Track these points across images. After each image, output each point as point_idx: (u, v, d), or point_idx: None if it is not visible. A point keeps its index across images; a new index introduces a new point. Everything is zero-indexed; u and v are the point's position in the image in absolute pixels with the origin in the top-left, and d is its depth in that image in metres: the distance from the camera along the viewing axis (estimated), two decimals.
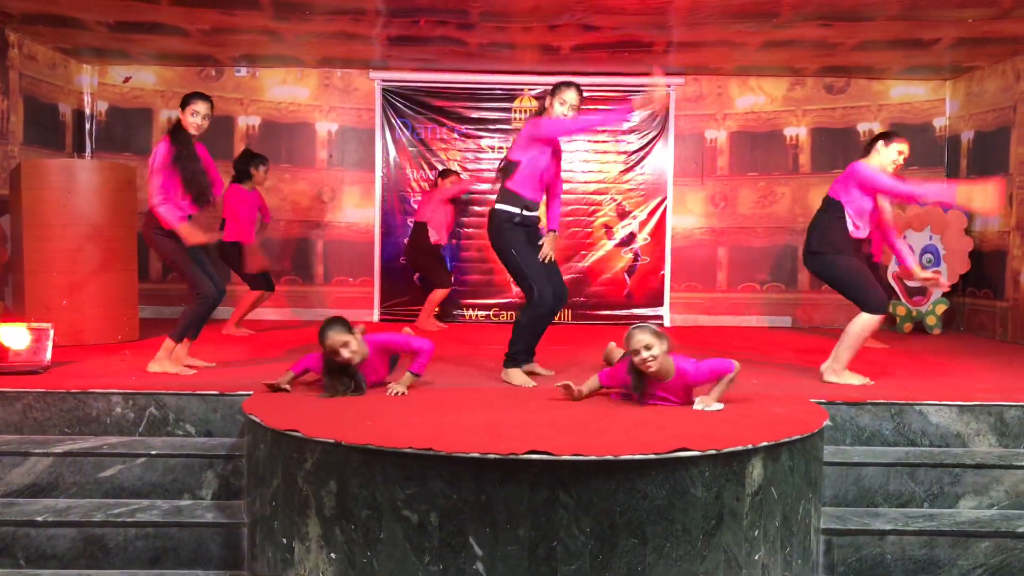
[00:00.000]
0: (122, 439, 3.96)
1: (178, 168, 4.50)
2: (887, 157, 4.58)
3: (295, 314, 7.94)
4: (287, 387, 4.03)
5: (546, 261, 4.57)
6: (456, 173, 7.61)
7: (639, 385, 3.77)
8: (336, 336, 3.89)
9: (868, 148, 4.69)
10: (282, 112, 7.99)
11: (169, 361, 4.60)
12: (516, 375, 4.48)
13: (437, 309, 7.54)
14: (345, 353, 3.90)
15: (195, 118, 4.56)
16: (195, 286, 4.56)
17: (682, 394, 3.77)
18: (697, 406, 3.70)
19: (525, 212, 4.53)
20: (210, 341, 5.64)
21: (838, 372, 4.61)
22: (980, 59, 7.14)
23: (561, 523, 2.90)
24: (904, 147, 4.62)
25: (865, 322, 4.55)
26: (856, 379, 4.57)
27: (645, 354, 3.63)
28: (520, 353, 4.57)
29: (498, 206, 4.55)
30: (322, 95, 8.02)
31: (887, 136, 4.65)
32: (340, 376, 3.96)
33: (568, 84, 4.51)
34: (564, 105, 4.48)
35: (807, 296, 8.05)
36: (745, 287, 8.13)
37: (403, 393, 3.97)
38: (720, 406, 3.70)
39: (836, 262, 4.60)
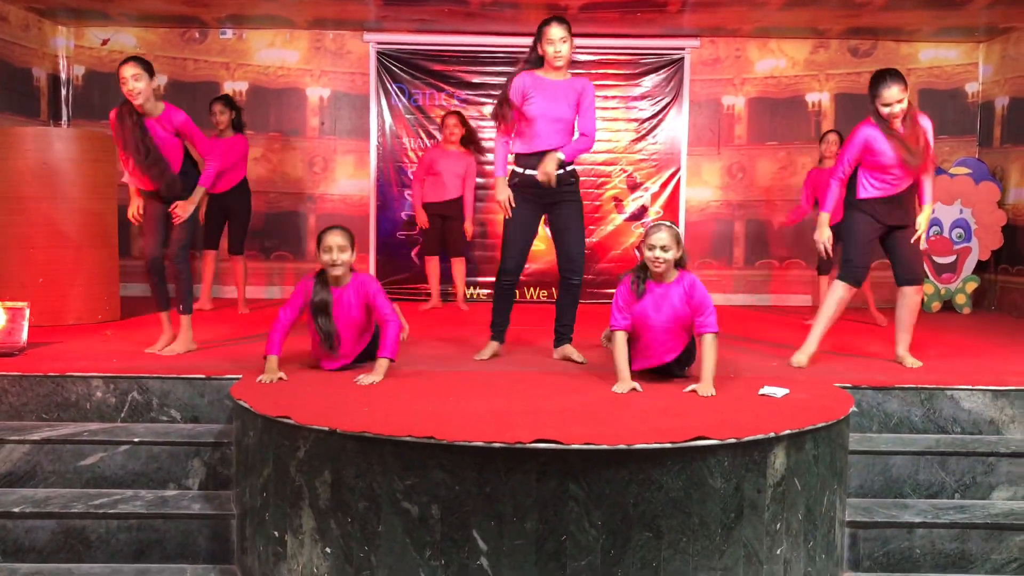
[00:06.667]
0: (103, 425, 3.95)
1: (116, 140, 4.49)
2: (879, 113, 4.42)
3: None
4: (281, 374, 3.93)
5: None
6: (458, 114, 7.14)
7: (641, 278, 3.88)
8: (333, 238, 3.99)
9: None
10: (270, 77, 7.90)
11: (190, 338, 4.72)
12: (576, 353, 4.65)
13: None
14: (335, 256, 3.95)
15: (124, 86, 4.38)
16: None
17: (676, 299, 3.84)
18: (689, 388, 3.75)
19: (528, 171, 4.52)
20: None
21: (804, 350, 4.60)
22: (1017, 19, 7.03)
23: (571, 516, 2.88)
24: (887, 91, 4.33)
25: (832, 289, 4.57)
26: (795, 358, 4.55)
27: (659, 253, 3.79)
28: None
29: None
30: (313, 58, 7.93)
31: (872, 82, 4.44)
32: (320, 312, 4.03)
33: (547, 21, 4.42)
34: (553, 44, 4.42)
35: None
36: (763, 264, 8.08)
37: (375, 382, 3.84)
38: (712, 392, 3.70)
39: (845, 216, 4.64)
